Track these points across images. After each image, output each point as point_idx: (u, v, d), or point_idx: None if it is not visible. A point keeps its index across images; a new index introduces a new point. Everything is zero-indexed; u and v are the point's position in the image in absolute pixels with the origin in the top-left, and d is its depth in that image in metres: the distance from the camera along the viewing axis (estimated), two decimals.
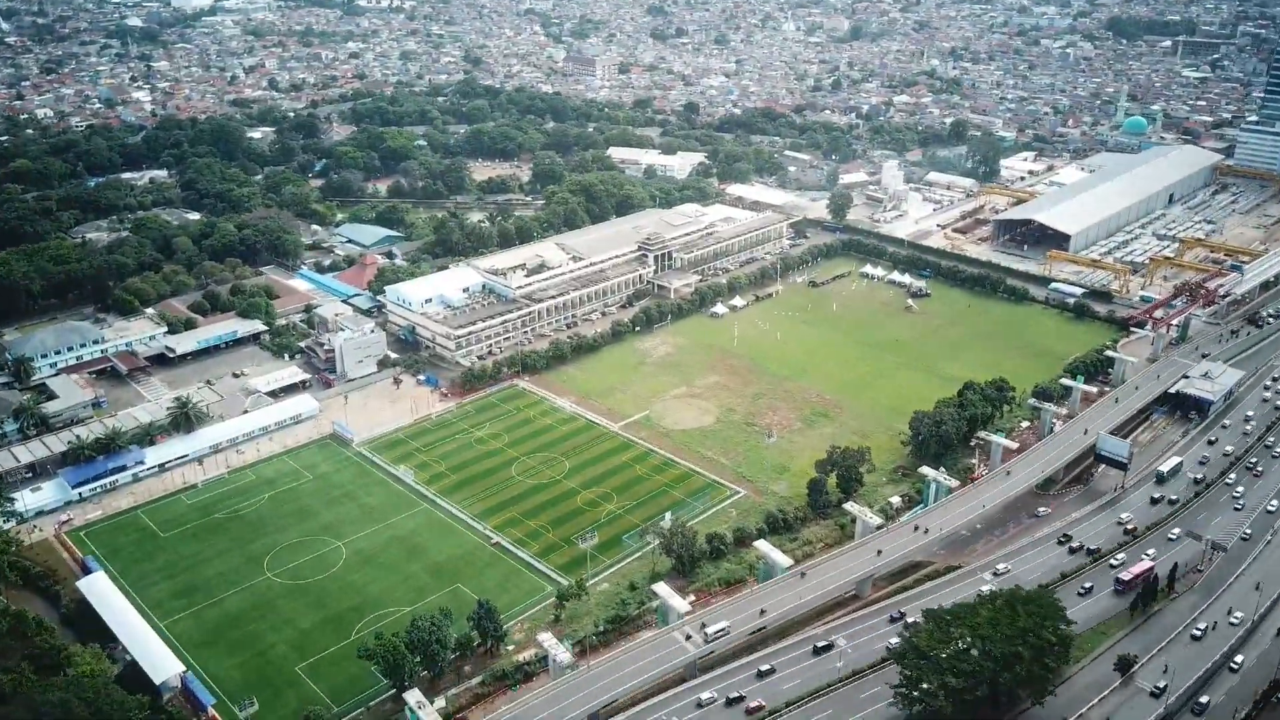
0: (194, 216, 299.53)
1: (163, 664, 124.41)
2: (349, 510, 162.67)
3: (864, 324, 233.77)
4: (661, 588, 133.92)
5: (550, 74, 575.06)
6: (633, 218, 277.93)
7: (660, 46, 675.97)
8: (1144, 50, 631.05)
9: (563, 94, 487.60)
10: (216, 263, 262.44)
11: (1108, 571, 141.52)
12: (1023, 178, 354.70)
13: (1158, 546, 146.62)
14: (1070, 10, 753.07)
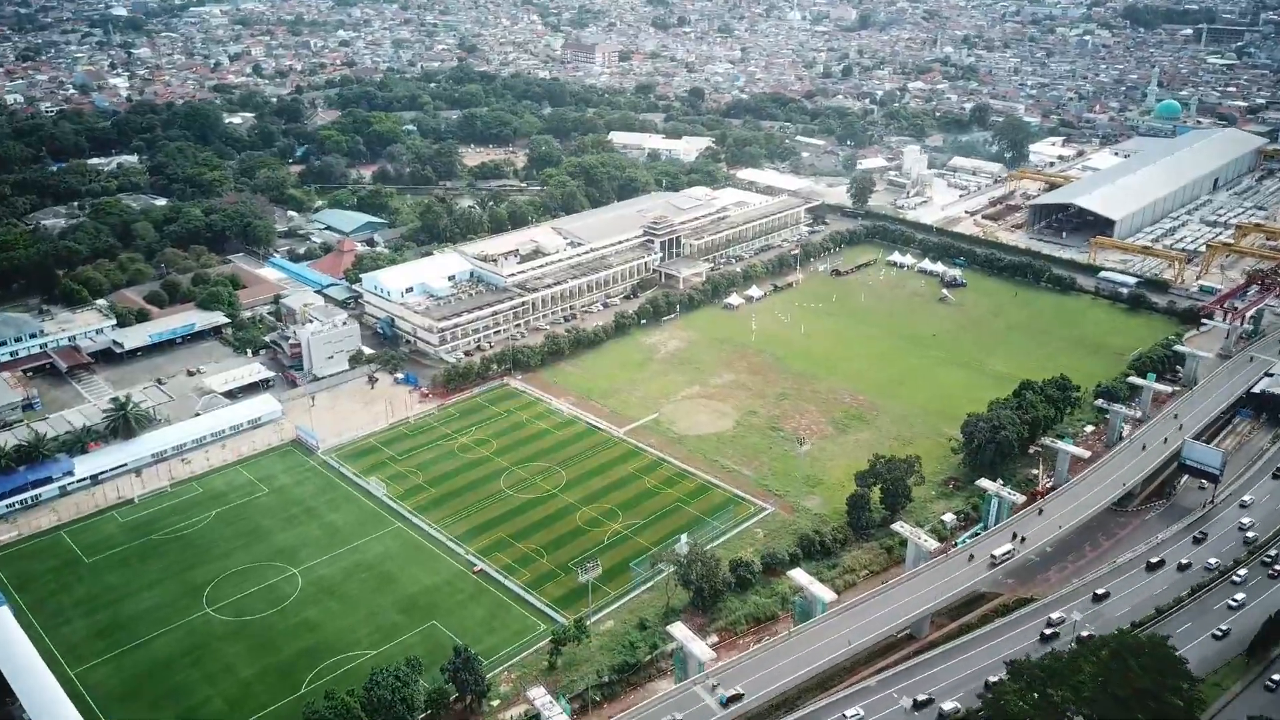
0: (161, 203, 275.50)
1: None
2: (308, 530, 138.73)
3: (895, 316, 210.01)
4: (679, 629, 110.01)
5: (548, 61, 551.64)
6: (637, 201, 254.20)
7: (662, 35, 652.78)
8: (1164, 38, 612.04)
9: (561, 80, 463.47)
10: (179, 250, 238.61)
11: (1208, 605, 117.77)
12: (1052, 163, 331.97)
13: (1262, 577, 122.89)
14: None
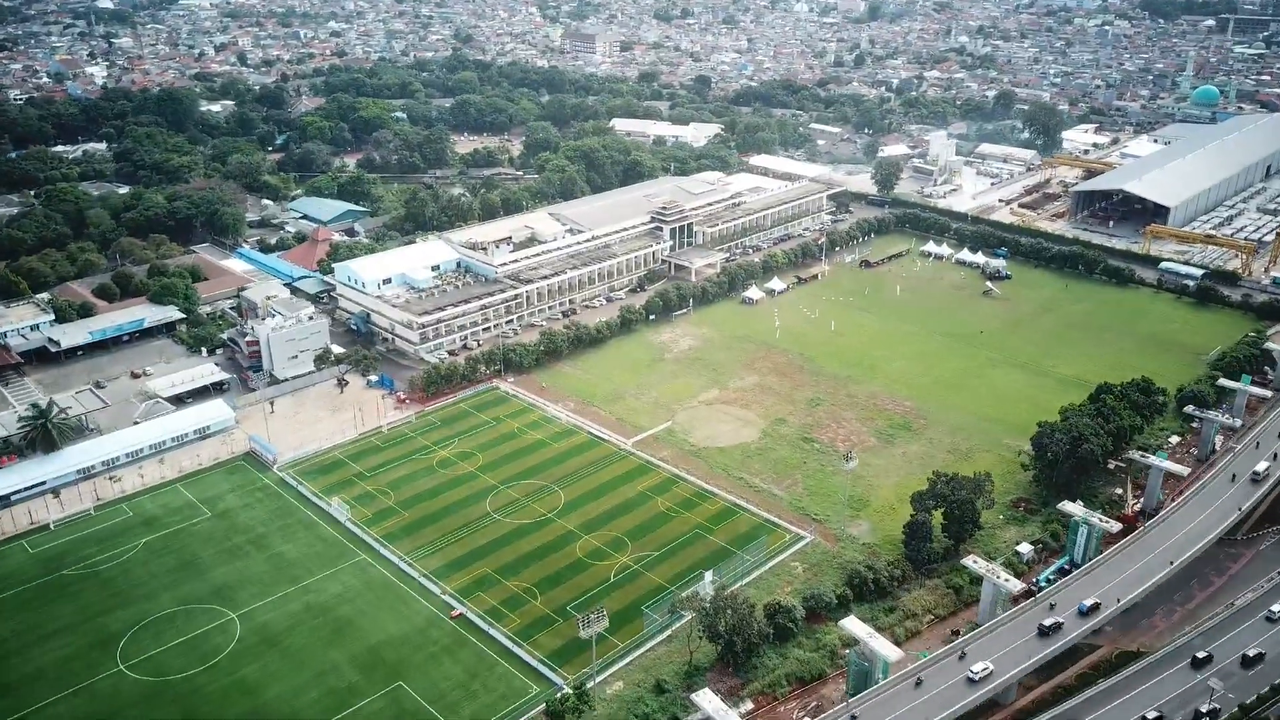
0: (125, 191, 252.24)
1: None
2: (253, 564, 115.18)
3: (936, 311, 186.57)
4: (707, 698, 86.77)
5: (546, 51, 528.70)
6: (643, 186, 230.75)
7: (664, 27, 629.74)
8: (1185, 29, 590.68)
9: (560, 69, 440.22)
10: (137, 239, 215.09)
11: None
12: (1086, 150, 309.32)
13: None
14: None
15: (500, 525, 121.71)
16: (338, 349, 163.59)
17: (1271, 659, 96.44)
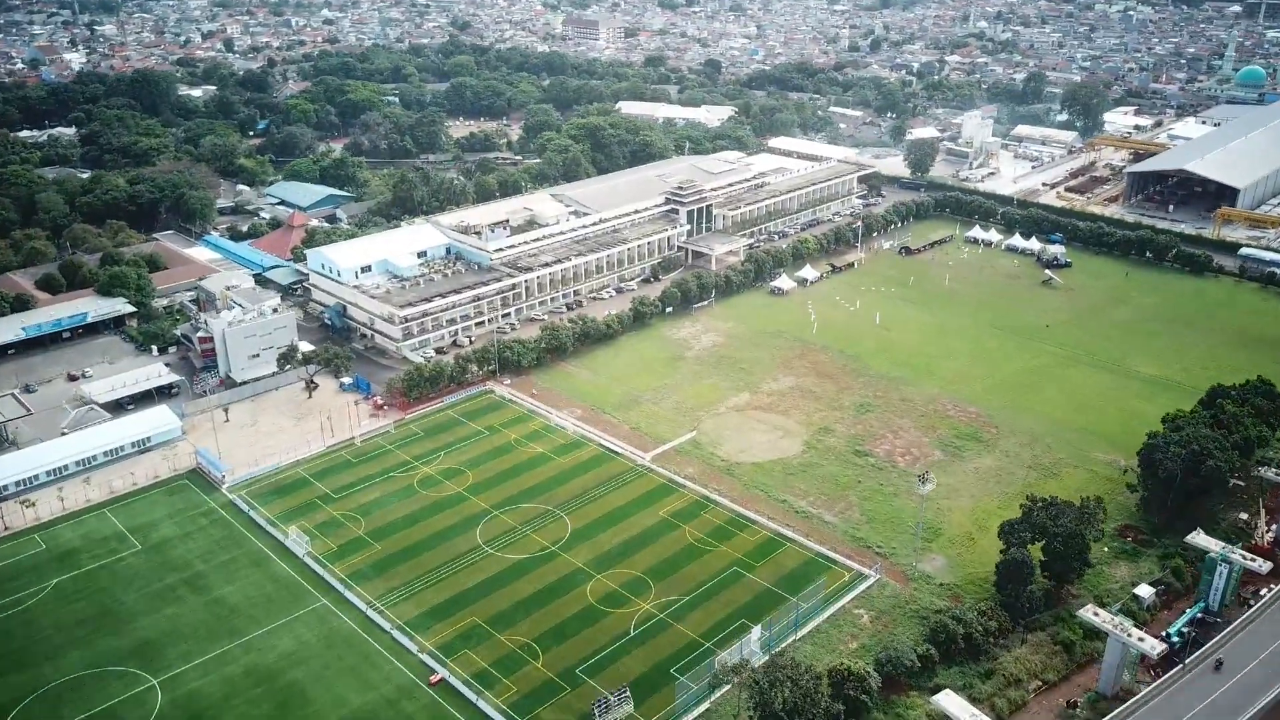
0: (87, 176, 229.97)
1: None
2: (187, 612, 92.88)
3: (992, 303, 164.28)
4: None
5: (548, 38, 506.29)
6: (655, 165, 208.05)
7: (670, 14, 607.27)
8: (1211, 14, 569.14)
9: (562, 53, 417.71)
10: (91, 226, 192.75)
11: None
12: (1128, 133, 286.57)
13: None
14: None
15: (493, 561, 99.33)
16: (307, 346, 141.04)
17: None
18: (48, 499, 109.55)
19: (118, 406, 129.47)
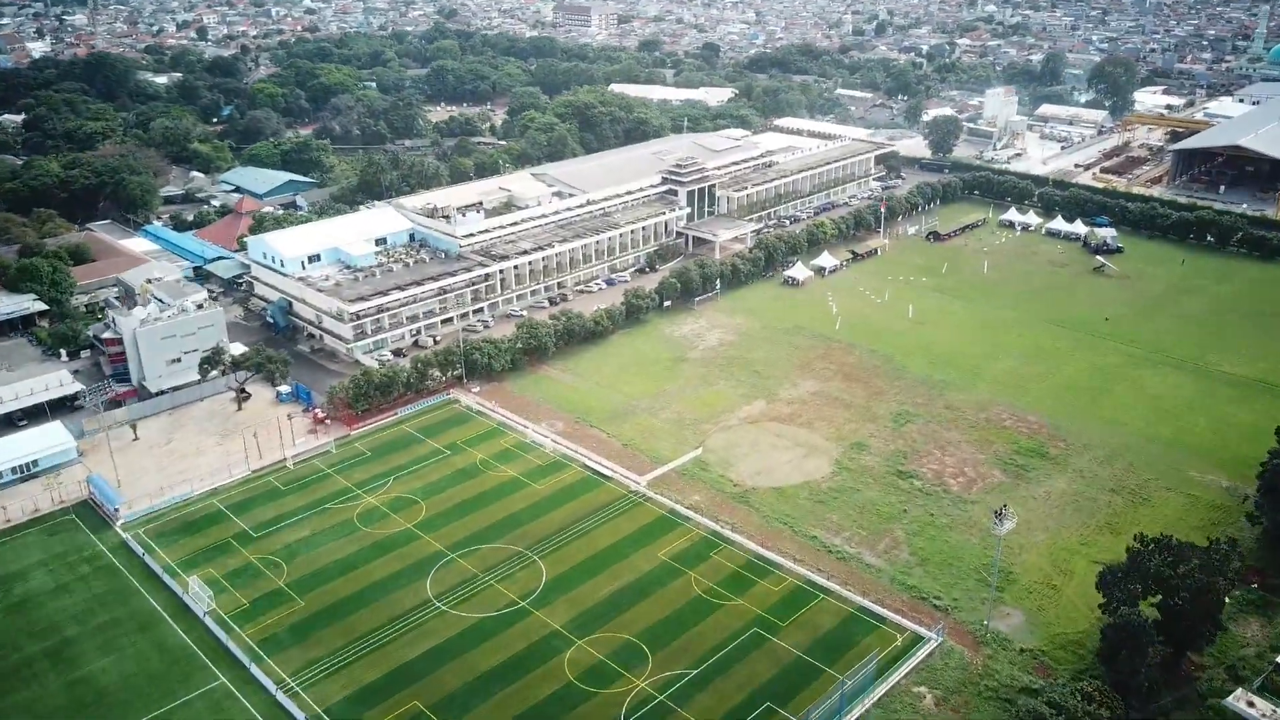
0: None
1: None
2: (43, 697, 71.12)
3: (1039, 293, 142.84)
4: None
5: (537, 25, 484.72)
6: (651, 144, 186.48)
7: (665, 1, 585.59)
8: None
9: (552, 39, 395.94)
10: (15, 215, 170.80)
11: None
12: (1161, 113, 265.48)
13: None
14: None
15: (445, 622, 77.64)
16: (239, 348, 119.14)
17: None
18: None
19: (9, 422, 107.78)
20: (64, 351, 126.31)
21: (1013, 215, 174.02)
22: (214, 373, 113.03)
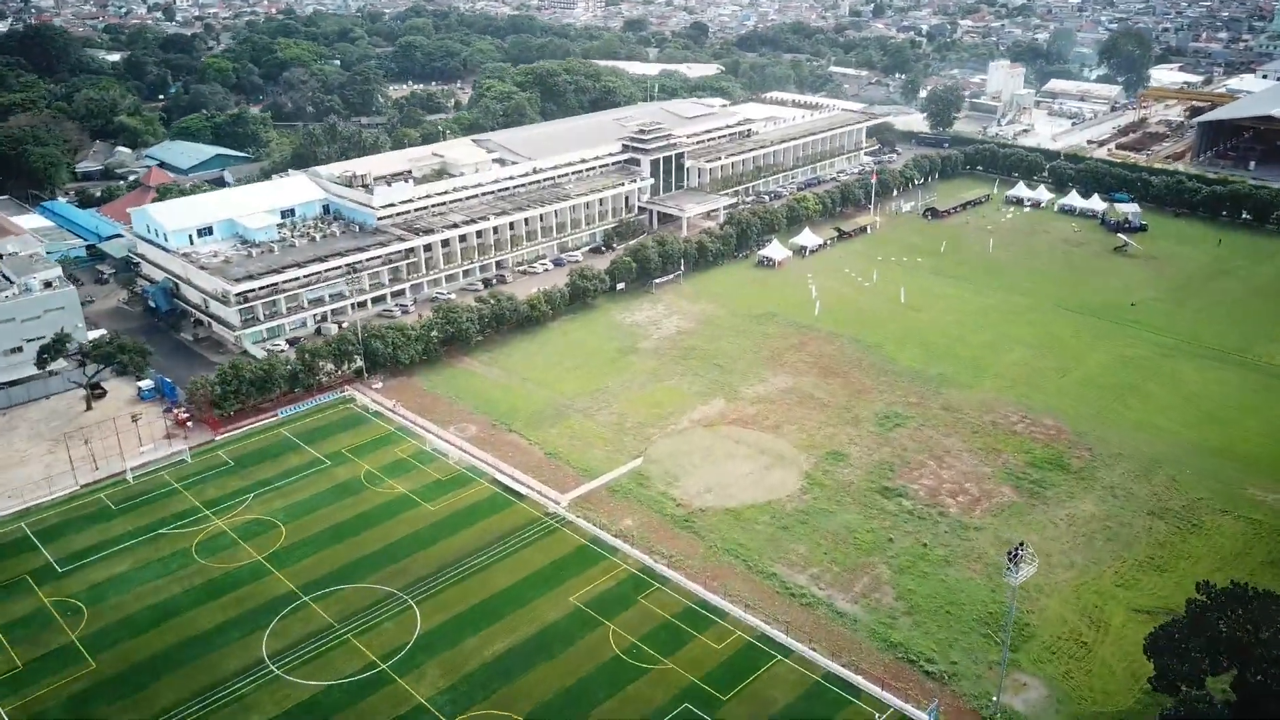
0: None
1: None
2: None
3: (1053, 276, 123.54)
4: None
5: (521, 6, 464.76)
6: (614, 111, 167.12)
7: None
8: None
9: (532, 18, 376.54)
10: None
11: None
12: (1181, 87, 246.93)
13: None
14: None
15: (279, 691, 58.44)
16: (96, 333, 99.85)
17: None
18: None
19: None
20: None
21: (1021, 190, 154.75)
22: (61, 364, 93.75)
